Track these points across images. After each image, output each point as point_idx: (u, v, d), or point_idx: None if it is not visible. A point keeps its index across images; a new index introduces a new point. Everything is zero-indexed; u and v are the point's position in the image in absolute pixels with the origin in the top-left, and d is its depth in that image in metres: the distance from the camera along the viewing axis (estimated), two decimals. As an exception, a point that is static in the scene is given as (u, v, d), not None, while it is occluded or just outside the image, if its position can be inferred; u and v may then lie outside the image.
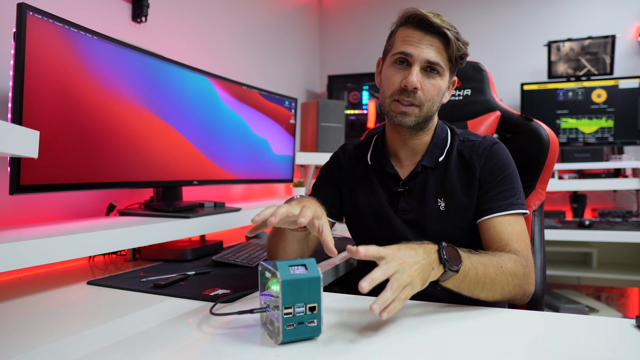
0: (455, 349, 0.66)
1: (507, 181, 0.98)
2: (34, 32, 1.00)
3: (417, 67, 0.94)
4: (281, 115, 2.00)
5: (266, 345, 0.67)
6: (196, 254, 1.35)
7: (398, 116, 0.97)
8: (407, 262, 0.71)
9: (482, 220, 0.97)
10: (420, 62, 0.94)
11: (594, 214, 2.76)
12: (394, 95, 0.97)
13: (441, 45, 0.95)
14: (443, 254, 0.76)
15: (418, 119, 0.97)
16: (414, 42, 0.95)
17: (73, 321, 0.82)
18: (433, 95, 0.97)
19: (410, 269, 0.71)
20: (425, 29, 0.95)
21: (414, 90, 0.94)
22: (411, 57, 0.94)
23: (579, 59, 2.73)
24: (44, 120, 1.04)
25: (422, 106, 0.96)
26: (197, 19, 2.00)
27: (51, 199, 1.32)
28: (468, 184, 1.00)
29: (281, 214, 0.74)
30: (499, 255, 0.86)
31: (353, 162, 1.13)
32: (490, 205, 0.96)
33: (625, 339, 0.69)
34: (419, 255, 0.74)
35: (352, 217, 1.12)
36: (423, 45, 0.94)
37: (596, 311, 2.54)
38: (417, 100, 0.95)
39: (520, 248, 0.90)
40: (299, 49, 3.08)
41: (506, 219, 0.94)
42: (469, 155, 1.01)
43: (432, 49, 0.94)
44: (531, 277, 0.89)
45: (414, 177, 1.03)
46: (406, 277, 0.70)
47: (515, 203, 0.96)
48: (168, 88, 1.41)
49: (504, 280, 0.83)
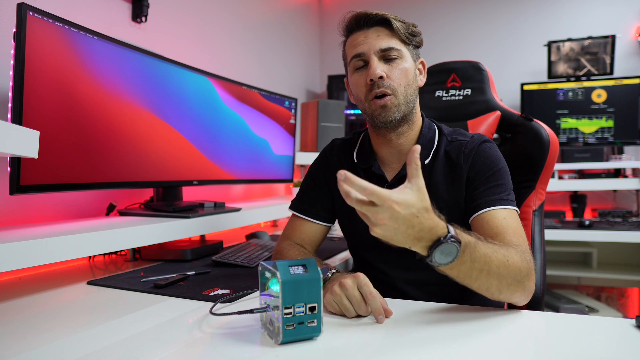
0: (455, 349, 0.66)
1: (497, 177, 0.95)
2: (34, 32, 1.00)
3: (375, 59, 0.95)
4: (281, 115, 2.00)
5: (266, 345, 0.67)
6: (196, 254, 1.35)
7: (381, 113, 0.96)
8: (401, 214, 0.64)
9: (474, 217, 0.93)
10: (374, 53, 0.95)
11: (594, 214, 2.76)
12: (368, 96, 0.97)
13: (387, 31, 0.96)
14: (449, 233, 0.70)
15: (399, 109, 0.96)
16: (361, 41, 0.96)
17: (73, 321, 0.82)
18: (402, 79, 0.96)
19: (399, 223, 0.65)
20: (366, 25, 0.97)
21: (381, 79, 0.94)
22: (364, 54, 0.96)
23: (579, 59, 2.73)
24: (44, 120, 1.04)
25: (396, 93, 0.95)
26: (197, 19, 2.00)
27: (51, 199, 1.32)
28: (454, 185, 0.98)
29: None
30: (505, 247, 0.81)
31: (341, 160, 1.11)
32: (480, 201, 0.93)
33: (625, 339, 0.69)
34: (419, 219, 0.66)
35: (343, 218, 1.11)
36: (370, 39, 0.96)
37: (596, 311, 2.54)
38: (388, 88, 0.95)
39: (518, 243, 0.85)
40: (299, 49, 3.08)
41: (499, 212, 0.91)
42: (456, 156, 0.99)
43: (380, 37, 0.95)
44: (533, 274, 0.83)
45: (399, 180, 1.01)
46: (384, 222, 0.65)
47: (505, 199, 0.92)
48: (168, 88, 1.41)
49: (505, 270, 0.77)
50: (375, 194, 0.63)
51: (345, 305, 0.78)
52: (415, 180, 0.67)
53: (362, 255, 1.11)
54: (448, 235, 0.69)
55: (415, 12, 3.15)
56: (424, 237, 0.68)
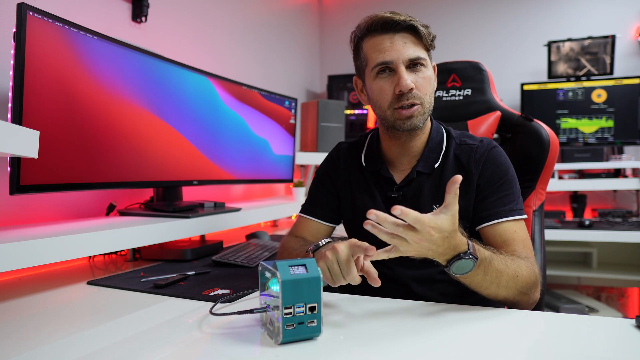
0: (455, 349, 0.66)
1: (507, 187, 0.97)
2: (34, 32, 1.00)
3: (403, 68, 0.93)
4: (281, 115, 2.00)
5: (266, 345, 0.67)
6: (196, 254, 1.35)
7: (406, 122, 0.96)
8: (435, 237, 0.72)
9: (485, 227, 0.96)
10: (403, 63, 0.93)
11: (594, 214, 2.76)
12: (393, 105, 0.96)
13: (414, 38, 0.94)
14: (469, 249, 0.77)
15: (424, 117, 0.97)
16: (388, 47, 0.93)
17: (73, 321, 0.82)
18: (428, 88, 0.97)
19: (432, 244, 0.73)
20: (393, 30, 0.94)
21: (410, 91, 0.94)
22: (391, 63, 0.93)
23: (579, 59, 2.73)
24: (44, 120, 1.04)
25: (423, 102, 0.96)
26: (197, 19, 2.00)
27: (51, 199, 1.32)
28: (465, 190, 0.98)
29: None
30: (517, 261, 0.86)
31: (348, 163, 1.12)
32: (491, 212, 0.95)
33: (625, 339, 0.69)
34: (445, 244, 0.75)
35: (350, 220, 1.12)
36: (397, 46, 0.93)
37: (596, 311, 2.54)
38: (417, 98, 0.95)
39: (527, 255, 0.90)
40: (299, 49, 3.08)
41: (510, 225, 0.94)
42: (466, 161, 1.00)
43: (408, 46, 0.94)
44: (538, 285, 0.89)
45: (408, 183, 1.02)
46: (420, 243, 0.72)
47: (515, 209, 0.95)
48: (168, 88, 1.41)
49: (513, 284, 0.83)
50: (420, 221, 0.70)
51: (335, 270, 0.78)
52: (451, 207, 0.73)
53: None
54: (468, 252, 0.77)
55: (415, 12, 3.13)
56: (448, 253, 0.77)
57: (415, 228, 0.71)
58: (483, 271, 0.80)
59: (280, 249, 1.10)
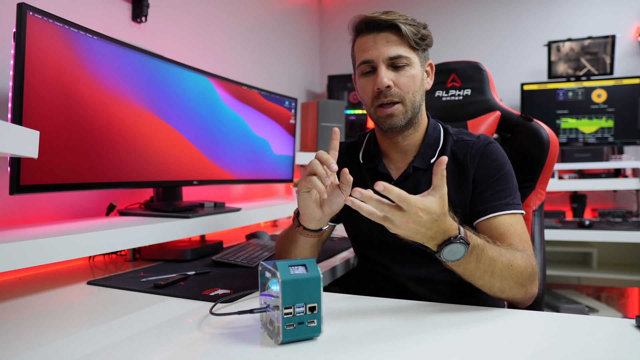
0: (455, 349, 0.66)
1: (503, 181, 0.97)
2: (34, 32, 1.00)
3: (383, 67, 0.95)
4: (281, 115, 2.00)
5: (266, 345, 0.67)
6: (196, 254, 1.35)
7: (386, 120, 0.98)
8: (423, 219, 0.71)
9: (481, 221, 0.96)
10: (383, 61, 0.95)
11: (594, 214, 2.76)
12: (374, 102, 0.98)
13: (397, 37, 0.95)
14: (460, 234, 0.75)
15: (405, 116, 0.97)
16: (370, 47, 0.96)
17: (73, 321, 0.82)
18: (410, 87, 0.97)
19: (420, 226, 0.71)
20: (376, 29, 0.96)
21: (388, 88, 0.95)
22: (372, 61, 0.96)
23: (579, 59, 2.73)
24: (44, 120, 1.03)
25: (403, 100, 0.96)
26: (197, 19, 2.00)
27: (51, 199, 1.32)
28: (461, 185, 0.99)
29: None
30: (512, 251, 0.85)
31: (346, 162, 1.13)
32: (487, 206, 0.95)
33: (625, 339, 0.69)
34: (435, 226, 0.73)
35: (348, 218, 1.12)
36: (379, 45, 0.95)
37: (596, 311, 2.54)
38: (395, 96, 0.96)
39: (524, 248, 0.90)
40: (299, 49, 3.08)
41: (507, 218, 0.94)
42: (462, 156, 1.01)
43: (390, 44, 0.95)
44: (536, 279, 0.87)
45: (405, 179, 1.03)
46: (407, 225, 0.71)
47: (511, 203, 0.95)
48: (168, 88, 1.41)
49: (507, 273, 0.81)
50: (405, 200, 0.69)
51: (315, 167, 0.81)
52: (439, 189, 0.72)
53: (366, 253, 1.12)
54: (458, 237, 0.75)
55: (415, 12, 3.14)
56: (438, 237, 0.75)
57: (402, 208, 0.69)
58: (476, 258, 0.78)
59: (277, 244, 1.11)
